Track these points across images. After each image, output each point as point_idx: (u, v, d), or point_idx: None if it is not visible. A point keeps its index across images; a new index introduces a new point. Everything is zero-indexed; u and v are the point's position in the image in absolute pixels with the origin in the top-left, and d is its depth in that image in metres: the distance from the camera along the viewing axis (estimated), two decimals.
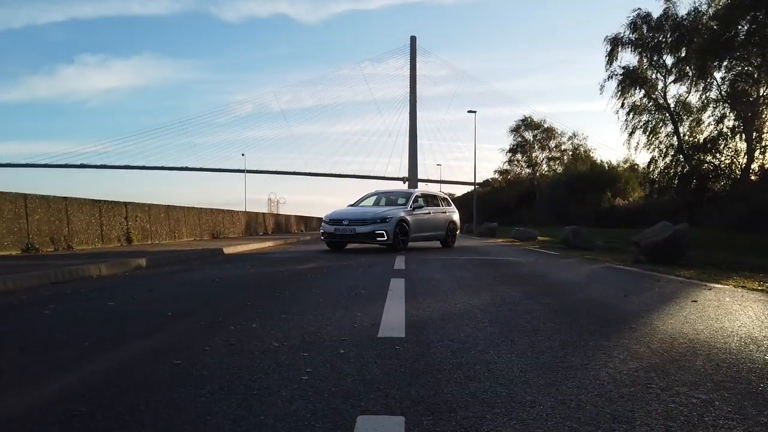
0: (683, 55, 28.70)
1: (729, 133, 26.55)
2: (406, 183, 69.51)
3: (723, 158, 27.33)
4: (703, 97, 27.76)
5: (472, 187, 55.19)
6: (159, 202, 13.01)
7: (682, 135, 29.79)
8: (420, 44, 76.21)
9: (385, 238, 11.19)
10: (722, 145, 27.08)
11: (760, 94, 24.26)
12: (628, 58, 31.04)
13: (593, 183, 38.05)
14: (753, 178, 25.85)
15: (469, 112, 35.77)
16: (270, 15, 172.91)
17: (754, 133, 25.46)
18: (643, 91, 31.07)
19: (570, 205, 37.26)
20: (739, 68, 23.97)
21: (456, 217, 14.18)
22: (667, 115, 30.65)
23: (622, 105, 31.37)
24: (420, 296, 4.63)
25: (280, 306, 4.03)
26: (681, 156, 29.00)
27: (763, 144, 25.39)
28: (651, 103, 31.21)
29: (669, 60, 29.96)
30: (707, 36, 23.62)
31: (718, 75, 26.00)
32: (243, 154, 62.76)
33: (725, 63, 22.51)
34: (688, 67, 28.88)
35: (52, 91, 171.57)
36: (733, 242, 14.29)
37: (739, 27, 20.82)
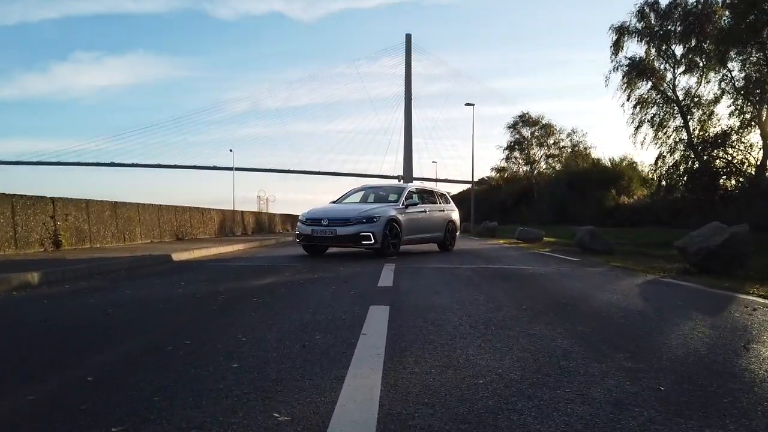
0: (693, 44, 27.03)
1: (744, 127, 24.83)
2: (401, 181, 67.60)
3: (735, 153, 25.67)
4: (716, 88, 26.09)
5: (467, 186, 53.35)
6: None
7: (691, 129, 28.10)
8: (415, 42, 74.27)
9: (372, 241, 9.30)
10: (735, 140, 25.40)
11: None
12: (634, 48, 29.42)
13: (595, 180, 36.26)
14: None
15: (467, 105, 34.00)
16: (265, 13, 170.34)
17: None
18: (650, 83, 29.33)
19: (571, 203, 35.50)
20: (758, 56, 22.21)
21: (455, 216, 12.30)
22: (676, 108, 28.94)
23: (629, 98, 29.64)
24: (411, 351, 2.74)
25: (142, 388, 2.12)
26: (691, 152, 27.29)
27: None
28: (659, 96, 29.47)
29: (678, 50, 28.26)
30: (730, 19, 21.82)
31: (735, 65, 24.34)
32: (231, 150, 60.66)
33: (748, 49, 20.60)
34: (698, 58, 27.22)
35: (45, 88, 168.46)
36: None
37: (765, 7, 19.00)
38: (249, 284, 5.57)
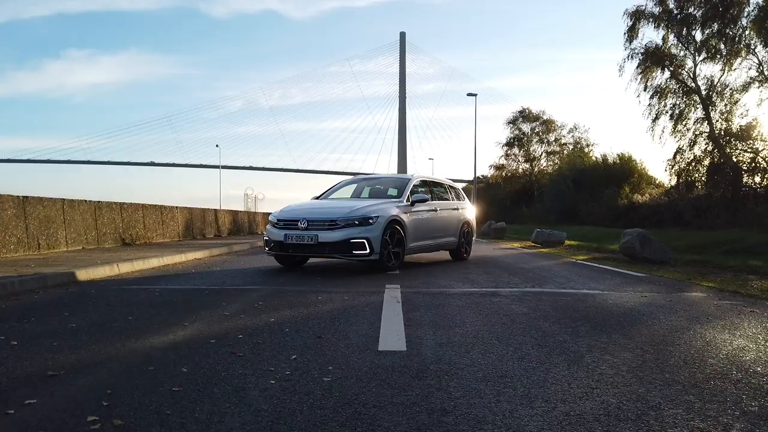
0: (716, 29, 24.68)
1: None
2: None
3: (762, 147, 23.43)
4: (744, 75, 23.76)
5: (463, 185, 50.84)
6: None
7: (714, 121, 25.73)
8: (410, 41, 71.62)
9: (367, 250, 6.76)
10: (765, 132, 23.15)
11: None
12: (650, 34, 26.94)
13: (605, 178, 33.74)
14: None
15: (469, 95, 31.56)
16: (259, 11, 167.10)
17: None
18: (668, 72, 26.91)
19: (577, 202, 33.04)
20: None
21: (471, 215, 9.75)
22: (697, 98, 26.54)
23: (645, 88, 27.17)
24: None
25: None
26: (714, 146, 24.94)
27: None
28: (678, 86, 27.06)
29: (699, 36, 25.86)
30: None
31: (764, 54, 22.06)
32: (217, 145, 57.89)
33: None
34: (722, 44, 24.88)
35: (37, 85, 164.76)
36: None
37: None
38: (139, 345, 2.98)
